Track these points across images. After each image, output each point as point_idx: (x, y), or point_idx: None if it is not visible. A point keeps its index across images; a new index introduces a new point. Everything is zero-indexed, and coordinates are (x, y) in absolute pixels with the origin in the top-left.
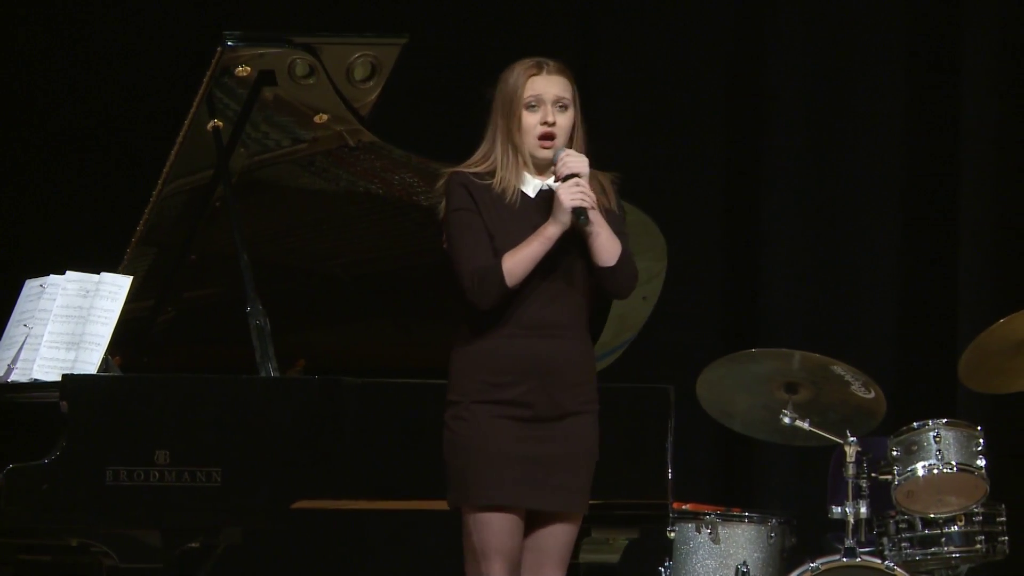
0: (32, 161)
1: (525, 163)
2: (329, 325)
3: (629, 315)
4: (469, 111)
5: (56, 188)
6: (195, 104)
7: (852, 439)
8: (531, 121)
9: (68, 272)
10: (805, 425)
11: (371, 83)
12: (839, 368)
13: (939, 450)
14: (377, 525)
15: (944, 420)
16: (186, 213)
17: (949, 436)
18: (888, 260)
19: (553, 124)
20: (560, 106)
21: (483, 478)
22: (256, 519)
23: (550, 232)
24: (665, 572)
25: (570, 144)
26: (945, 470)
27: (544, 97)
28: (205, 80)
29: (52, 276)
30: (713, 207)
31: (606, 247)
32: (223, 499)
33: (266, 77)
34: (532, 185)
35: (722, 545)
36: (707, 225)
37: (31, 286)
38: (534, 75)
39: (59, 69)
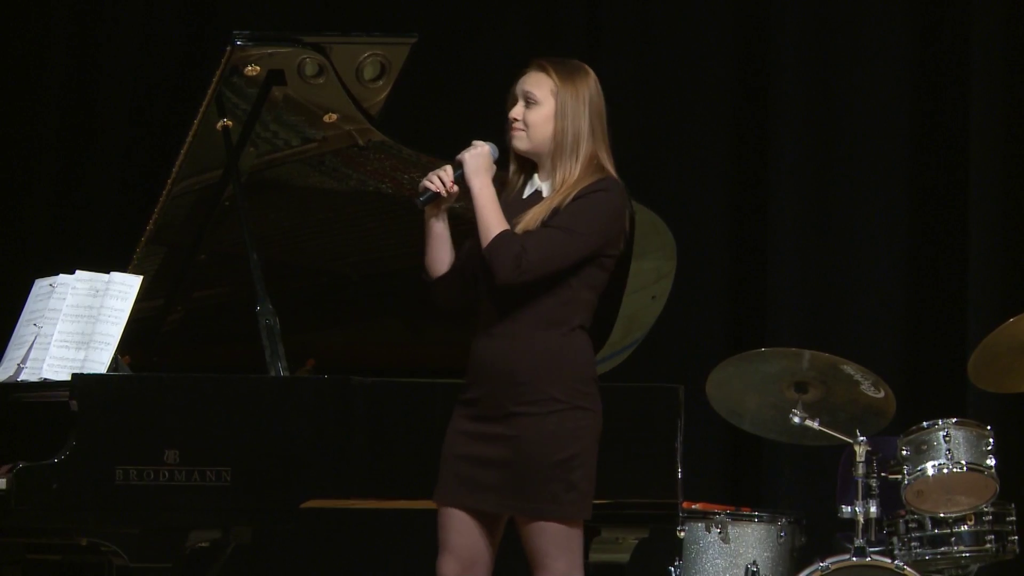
0: (41, 160)
1: (529, 162)
2: (339, 324)
3: (639, 315)
4: (477, 110)
5: (65, 187)
6: (204, 103)
7: (862, 438)
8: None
9: (78, 271)
10: (815, 424)
11: (381, 82)
12: (849, 367)
13: (949, 449)
14: (387, 524)
15: (954, 419)
16: (196, 212)
17: (959, 435)
18: (897, 258)
19: (514, 119)
20: (528, 101)
21: (440, 477)
22: (266, 519)
23: (425, 218)
24: (675, 572)
25: (554, 144)
26: (955, 469)
27: (517, 93)
28: (214, 79)
29: (62, 275)
30: (721, 206)
31: (481, 233)
32: (233, 499)
33: (275, 76)
34: (531, 185)
35: (732, 544)
36: (715, 224)
37: (41, 285)
38: (520, 74)
39: (69, 67)
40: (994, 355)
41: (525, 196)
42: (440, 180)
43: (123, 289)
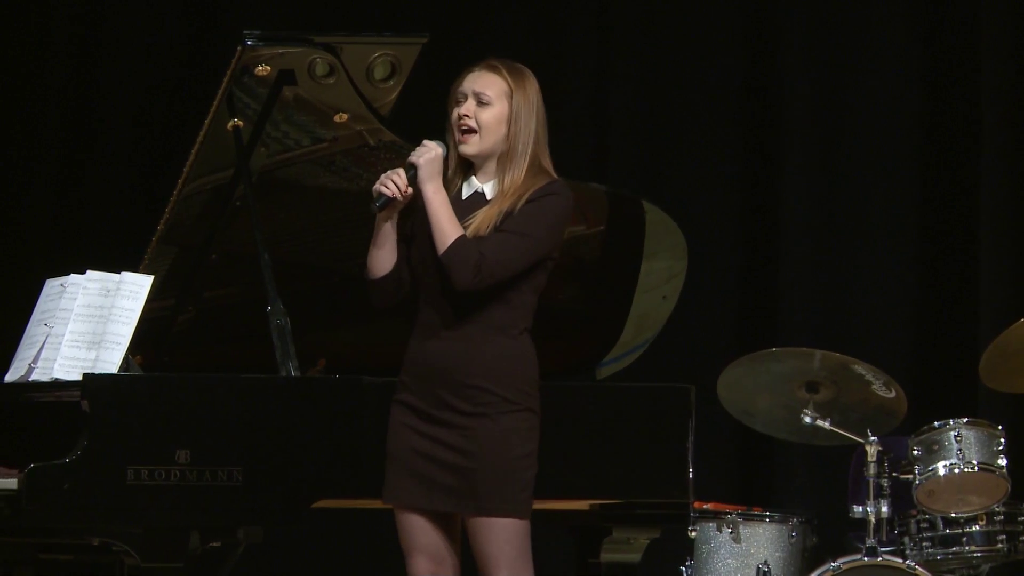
0: (52, 160)
1: (464, 163)
2: (349, 324)
3: (650, 314)
4: None
5: (69, 187)
6: (215, 103)
7: (873, 438)
8: (454, 117)
9: (89, 271)
10: (826, 424)
11: (391, 82)
12: (860, 367)
13: (960, 449)
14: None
15: (965, 419)
16: (207, 212)
17: (970, 435)
18: (909, 258)
19: (464, 117)
20: (481, 101)
21: (388, 478)
22: (277, 518)
23: (377, 219)
24: (686, 571)
25: (507, 144)
26: (966, 469)
27: (465, 92)
28: (225, 79)
29: (73, 275)
30: (732, 206)
31: (435, 237)
32: (244, 498)
33: (286, 76)
34: (469, 185)
35: (743, 544)
36: (726, 224)
37: (52, 285)
38: (466, 74)
39: (71, 67)
40: (1005, 355)
41: (464, 197)
42: (395, 185)
43: (134, 289)
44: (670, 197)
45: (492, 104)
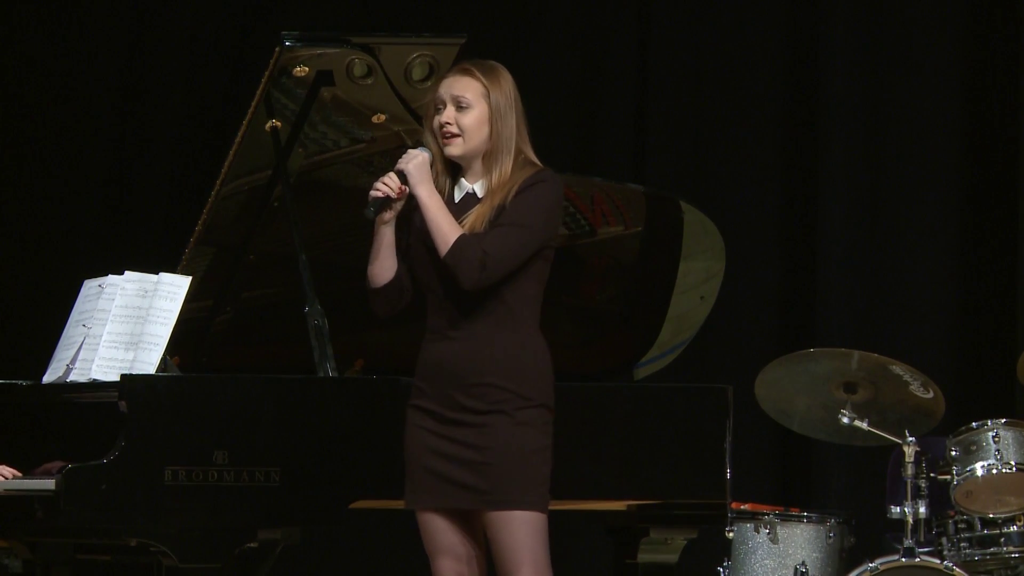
0: (93, 163)
1: (452, 166)
2: (387, 325)
3: (687, 315)
4: (526, 111)
5: (115, 189)
6: (253, 104)
7: (911, 439)
8: (435, 123)
9: (127, 272)
10: (864, 425)
11: (429, 83)
12: (898, 368)
13: (998, 450)
14: None
15: (1003, 420)
16: (245, 213)
17: (1008, 436)
18: (946, 259)
19: (446, 124)
20: (460, 105)
21: (408, 482)
22: (315, 519)
23: (377, 227)
24: (724, 572)
25: (489, 144)
26: (1004, 470)
27: (444, 98)
28: (263, 80)
29: (111, 276)
30: (770, 206)
31: (435, 239)
32: (281, 499)
33: (324, 77)
34: (460, 188)
35: (781, 545)
36: (765, 225)
37: (90, 286)
38: (443, 79)
39: (120, 68)
40: None
41: (457, 200)
42: (387, 185)
43: (172, 290)
44: (708, 198)
45: (472, 107)
